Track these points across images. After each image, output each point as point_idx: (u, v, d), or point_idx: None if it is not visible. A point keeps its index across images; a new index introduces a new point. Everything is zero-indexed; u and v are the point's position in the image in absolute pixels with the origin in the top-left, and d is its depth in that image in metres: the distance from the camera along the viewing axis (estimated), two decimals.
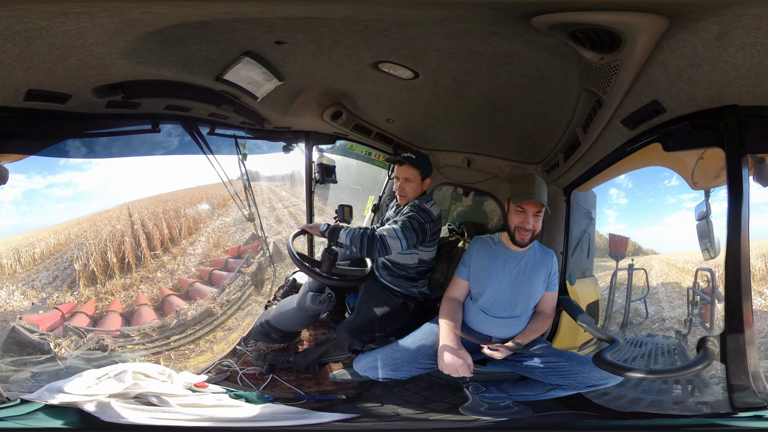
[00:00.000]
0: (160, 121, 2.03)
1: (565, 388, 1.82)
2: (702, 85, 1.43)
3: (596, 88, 1.64)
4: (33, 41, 1.36)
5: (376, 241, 1.91)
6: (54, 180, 2.03)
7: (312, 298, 2.09)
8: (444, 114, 2.45)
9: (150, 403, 1.66)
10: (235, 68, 1.78)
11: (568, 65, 1.60)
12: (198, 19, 1.42)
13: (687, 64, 1.36)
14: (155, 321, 2.35)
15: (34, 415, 1.53)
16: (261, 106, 2.18)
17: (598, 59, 1.42)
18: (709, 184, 1.71)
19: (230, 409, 1.71)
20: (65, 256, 2.23)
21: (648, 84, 1.49)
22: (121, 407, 1.58)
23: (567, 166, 2.35)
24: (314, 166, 2.70)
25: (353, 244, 1.91)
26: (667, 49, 1.31)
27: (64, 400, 1.59)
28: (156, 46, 1.56)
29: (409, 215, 2.02)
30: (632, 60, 1.37)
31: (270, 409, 1.75)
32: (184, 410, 1.62)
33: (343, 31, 1.56)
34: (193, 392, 1.82)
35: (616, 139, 1.90)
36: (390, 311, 2.14)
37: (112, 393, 1.65)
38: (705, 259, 1.74)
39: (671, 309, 2.04)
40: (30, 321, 2.01)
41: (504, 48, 1.58)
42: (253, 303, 2.69)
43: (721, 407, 1.59)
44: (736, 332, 1.44)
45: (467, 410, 1.91)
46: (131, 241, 2.43)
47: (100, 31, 1.40)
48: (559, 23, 1.31)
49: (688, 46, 1.28)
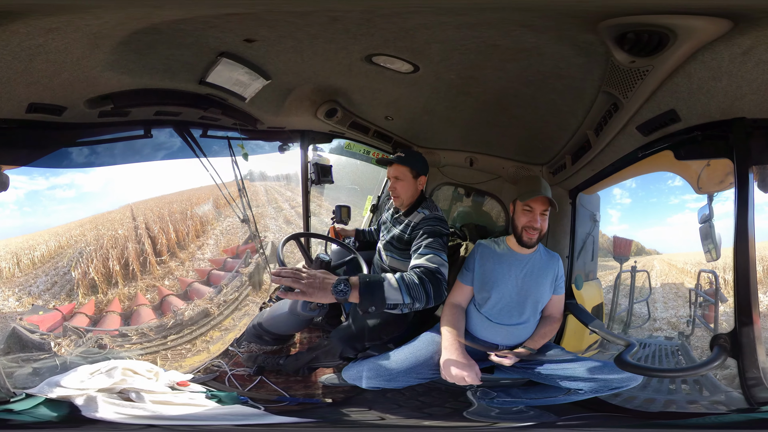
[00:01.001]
0: (151, 126, 2.05)
1: (586, 392, 1.77)
2: (718, 98, 1.48)
3: (617, 91, 1.63)
4: (34, 58, 1.47)
5: (437, 278, 1.57)
6: (56, 182, 2.09)
7: (303, 305, 2.04)
8: (446, 111, 2.35)
9: (128, 399, 1.71)
10: (215, 70, 1.76)
11: (591, 65, 1.56)
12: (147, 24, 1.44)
13: (709, 77, 1.40)
14: (153, 321, 2.38)
15: (37, 408, 1.60)
16: (251, 106, 2.13)
17: (629, 62, 1.41)
18: (713, 189, 1.73)
19: (194, 408, 1.74)
20: (66, 260, 2.28)
21: (669, 93, 1.52)
22: (103, 401, 1.64)
23: (575, 169, 2.28)
24: (310, 166, 2.65)
25: (416, 299, 1.47)
26: (699, 60, 1.34)
27: (61, 394, 1.67)
28: (132, 55, 1.59)
29: (434, 232, 1.83)
30: (663, 67, 1.39)
31: (230, 410, 1.79)
32: (152, 407, 1.67)
33: (312, 25, 1.49)
34: (172, 390, 1.86)
35: (629, 144, 1.88)
36: (385, 320, 2.06)
37: (101, 387, 1.72)
38: (707, 261, 1.77)
39: (673, 309, 2.04)
40: (30, 321, 2.06)
41: (526, 41, 1.50)
42: (250, 303, 2.70)
43: (735, 404, 1.61)
44: (746, 330, 1.52)
45: (474, 415, 1.87)
46: (135, 247, 2.46)
47: (79, 45, 1.48)
48: (620, 24, 1.29)
49: (717, 59, 1.33)
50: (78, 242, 2.31)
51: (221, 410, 1.79)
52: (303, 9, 1.39)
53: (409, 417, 1.87)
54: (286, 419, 1.78)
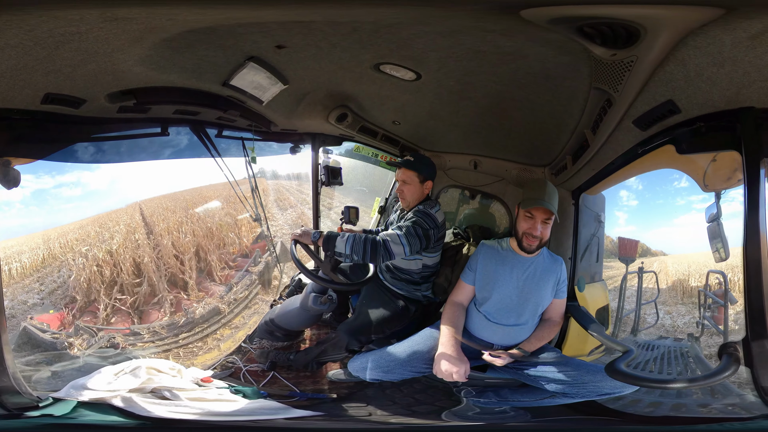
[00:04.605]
0: (169, 124, 2.09)
1: (573, 396, 1.78)
2: (721, 86, 1.38)
3: (607, 86, 1.58)
4: (62, 45, 1.38)
5: (379, 246, 1.88)
6: (63, 180, 2.08)
7: (314, 299, 2.12)
8: (449, 115, 2.43)
9: (164, 397, 1.74)
10: (241, 73, 1.82)
11: (576, 63, 1.54)
12: (207, 24, 1.45)
13: (709, 63, 1.30)
14: (165, 319, 2.42)
15: (77, 411, 1.61)
16: (267, 109, 2.22)
17: (610, 55, 1.36)
18: (721, 186, 1.66)
19: (229, 404, 1.77)
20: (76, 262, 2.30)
21: (664, 82, 1.44)
22: (143, 401, 1.67)
23: (575, 169, 2.30)
24: (320, 168, 2.73)
25: (354, 252, 1.86)
26: (691, 45, 1.24)
27: (92, 397, 1.67)
28: (168, 52, 1.60)
29: (413, 221, 1.98)
30: (649, 56, 1.31)
31: (257, 404, 1.81)
32: (192, 404, 1.70)
33: (335, 34, 1.56)
34: (199, 387, 1.89)
35: (627, 140, 1.85)
36: (390, 314, 2.13)
37: (131, 388, 1.73)
38: (716, 261, 1.71)
39: (681, 311, 2.00)
40: (41, 320, 2.08)
41: (505, 46, 1.54)
42: (260, 302, 2.74)
43: (751, 409, 1.56)
44: (759, 335, 1.43)
45: (451, 415, 1.87)
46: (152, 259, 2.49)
47: (124, 37, 1.43)
48: (561, 17, 1.25)
49: (716, 44, 1.23)
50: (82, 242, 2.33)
51: (254, 404, 1.81)
52: (337, 19, 1.44)
53: (399, 414, 1.89)
54: (308, 413, 1.79)
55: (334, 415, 1.87)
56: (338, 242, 1.89)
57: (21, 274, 2.10)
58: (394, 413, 1.88)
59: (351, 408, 1.94)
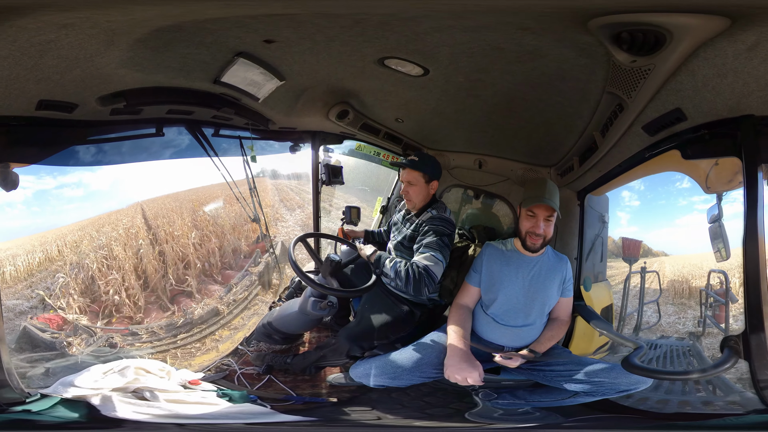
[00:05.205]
0: (163, 125, 2.06)
1: (592, 395, 1.77)
2: (724, 95, 1.46)
3: (621, 91, 1.63)
4: (45, 54, 1.45)
5: (422, 276, 1.82)
6: (64, 180, 2.08)
7: (313, 304, 2.07)
8: (455, 113, 2.37)
9: (143, 398, 1.73)
10: (231, 70, 1.77)
11: (594, 66, 1.57)
12: (175, 21, 1.44)
13: (714, 74, 1.38)
14: (163, 319, 2.39)
15: (54, 409, 1.61)
16: (264, 106, 2.16)
17: (630, 62, 1.42)
18: (722, 189, 1.72)
19: (208, 407, 1.76)
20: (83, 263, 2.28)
21: (674, 91, 1.51)
22: (119, 401, 1.66)
23: (582, 170, 2.30)
24: (321, 167, 2.67)
25: (398, 278, 1.84)
26: (701, 57, 1.33)
27: (76, 394, 1.68)
28: (147, 52, 1.59)
29: (437, 231, 1.92)
30: (665, 66, 1.39)
31: (240, 408, 1.80)
32: (167, 405, 1.70)
33: (332, 27, 1.51)
34: (185, 389, 1.88)
35: (636, 144, 1.89)
36: (393, 319, 2.08)
37: (115, 387, 1.74)
38: (717, 261, 1.76)
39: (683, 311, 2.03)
40: (41, 320, 2.07)
41: (528, 44, 1.52)
42: (259, 303, 2.71)
43: (751, 405, 1.61)
44: (757, 331, 1.51)
45: (476, 416, 1.87)
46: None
47: (95, 41, 1.46)
48: (613, 23, 1.30)
49: (720, 56, 1.31)
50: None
51: (232, 409, 1.80)
52: (332, 12, 1.40)
53: (413, 417, 1.86)
54: (293, 418, 1.79)
55: (333, 420, 1.86)
56: (386, 263, 1.92)
57: (15, 277, 2.08)
58: (405, 417, 1.86)
59: (354, 412, 1.92)
